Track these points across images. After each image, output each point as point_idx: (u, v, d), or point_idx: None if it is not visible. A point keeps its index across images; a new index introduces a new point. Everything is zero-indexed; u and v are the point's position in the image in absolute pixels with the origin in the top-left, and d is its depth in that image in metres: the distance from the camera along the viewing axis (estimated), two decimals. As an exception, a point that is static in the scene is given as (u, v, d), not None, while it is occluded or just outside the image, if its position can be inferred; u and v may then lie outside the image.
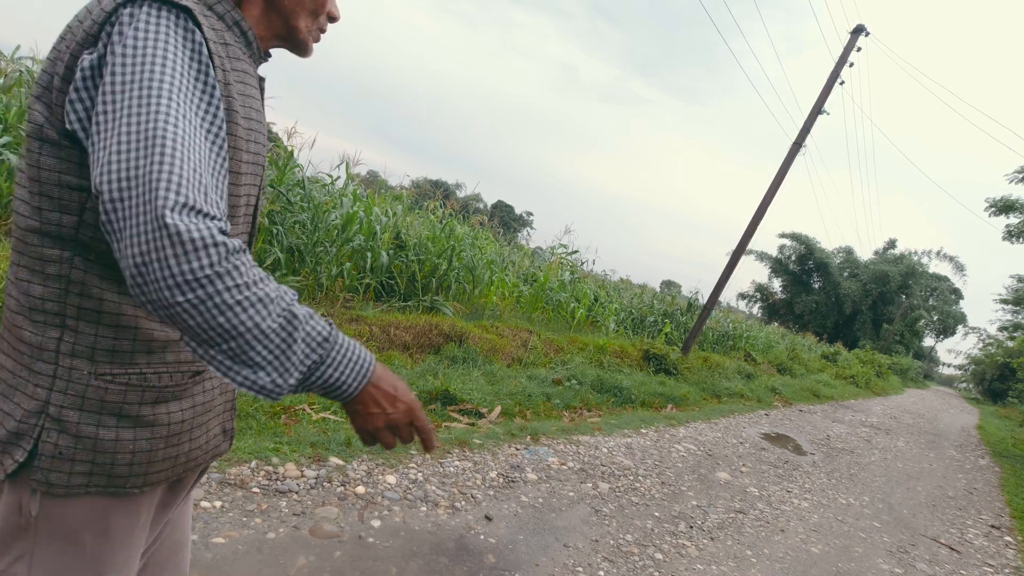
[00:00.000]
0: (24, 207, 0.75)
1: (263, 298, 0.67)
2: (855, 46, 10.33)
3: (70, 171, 0.73)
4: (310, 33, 0.95)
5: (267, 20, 0.90)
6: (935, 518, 4.86)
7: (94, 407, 0.77)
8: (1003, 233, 13.80)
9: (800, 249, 39.24)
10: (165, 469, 0.85)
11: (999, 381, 37.38)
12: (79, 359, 0.76)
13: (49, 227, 0.74)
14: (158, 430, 0.82)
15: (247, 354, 0.66)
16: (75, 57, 0.71)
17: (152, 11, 0.70)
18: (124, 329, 0.78)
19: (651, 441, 4.97)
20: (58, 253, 0.74)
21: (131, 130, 0.64)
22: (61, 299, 0.75)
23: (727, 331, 14.48)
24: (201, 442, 0.90)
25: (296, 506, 2.52)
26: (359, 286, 6.39)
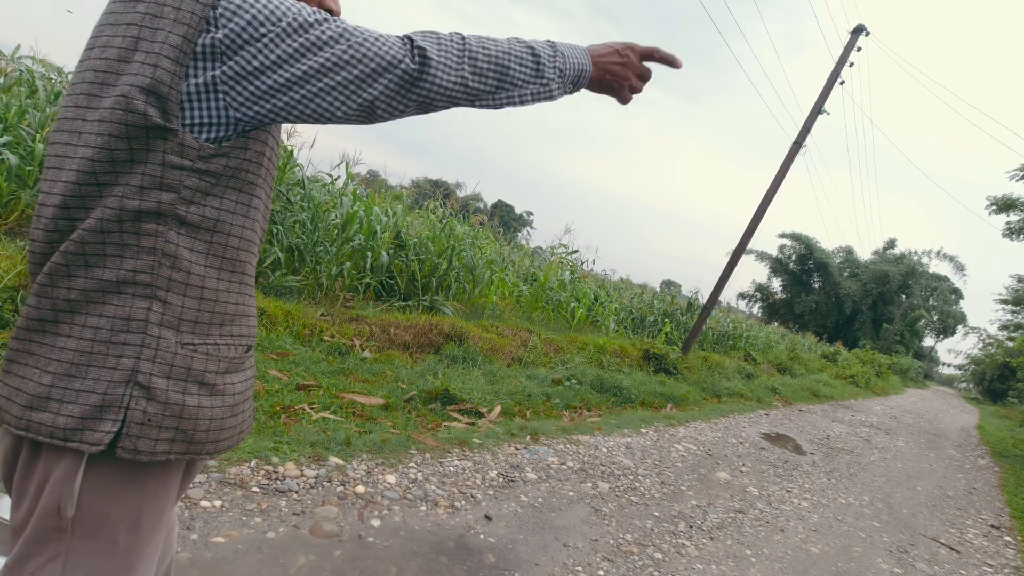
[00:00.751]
0: (120, 189, 0.78)
1: (495, 41, 0.87)
2: (855, 46, 10.33)
3: (175, 152, 0.78)
4: None
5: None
6: (935, 518, 4.86)
7: (181, 375, 0.82)
8: (1003, 230, 13.81)
9: (800, 249, 39.25)
10: (228, 438, 0.90)
11: (999, 381, 37.38)
12: (167, 328, 0.81)
13: (150, 204, 0.78)
14: (227, 399, 0.88)
15: (515, 77, 0.87)
16: (178, 48, 0.76)
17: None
18: (206, 301, 0.84)
19: (651, 441, 4.97)
20: (154, 227, 0.79)
21: (342, 31, 0.79)
22: (154, 271, 0.79)
23: (727, 331, 14.48)
24: (248, 415, 0.96)
25: (296, 505, 2.52)
26: (359, 285, 6.39)
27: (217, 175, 0.81)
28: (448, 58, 0.81)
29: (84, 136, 0.78)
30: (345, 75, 0.78)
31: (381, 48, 0.79)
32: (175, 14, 0.76)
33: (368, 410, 3.84)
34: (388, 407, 4.02)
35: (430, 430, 3.88)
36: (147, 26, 0.76)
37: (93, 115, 0.78)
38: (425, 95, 0.81)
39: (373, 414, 3.81)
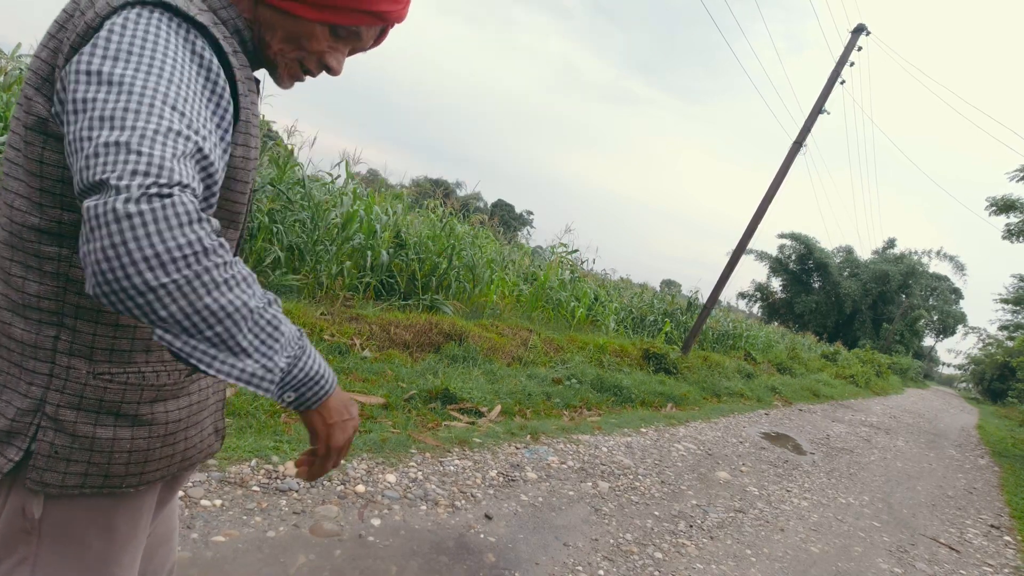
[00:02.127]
0: (22, 203, 0.72)
1: (246, 277, 0.63)
2: (856, 45, 10.32)
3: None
4: (283, 59, 0.86)
5: (249, 27, 0.84)
6: (935, 518, 4.86)
7: (92, 406, 0.75)
8: (1003, 232, 13.81)
9: (800, 249, 39.24)
10: (161, 468, 0.83)
11: (999, 381, 37.40)
12: (77, 358, 0.74)
13: (50, 224, 0.72)
14: (155, 428, 0.81)
15: (235, 339, 0.61)
16: (75, 50, 0.68)
17: (161, 17, 0.67)
18: (123, 328, 0.77)
19: (651, 440, 4.97)
20: (56, 250, 0.72)
21: (121, 107, 0.60)
22: (59, 297, 0.73)
23: (727, 330, 14.48)
24: (196, 440, 0.89)
25: (296, 505, 2.52)
26: (359, 285, 6.39)
27: None
28: (167, 250, 0.56)
29: (9, 135, 0.75)
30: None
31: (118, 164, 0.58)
32: (79, 17, 0.69)
33: (368, 409, 3.84)
34: (388, 406, 4.02)
35: (430, 429, 3.88)
36: (63, 24, 0.72)
37: (15, 110, 0.74)
38: (102, 271, 0.56)
39: (373, 413, 3.81)
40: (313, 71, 0.89)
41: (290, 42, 0.84)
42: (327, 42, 0.85)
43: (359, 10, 0.82)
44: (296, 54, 0.86)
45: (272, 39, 0.84)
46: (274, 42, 0.84)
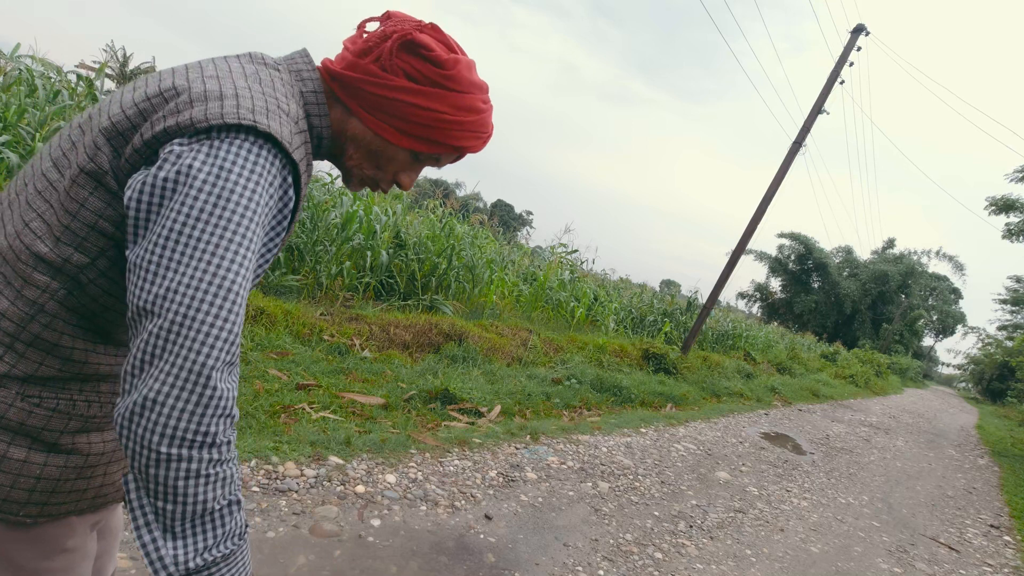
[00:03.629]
0: (39, 226, 0.71)
1: (227, 477, 0.66)
2: (855, 45, 10.33)
3: (110, 219, 0.71)
4: (360, 170, 0.89)
5: (333, 134, 0.86)
6: (934, 517, 4.86)
7: (11, 427, 0.72)
8: (1003, 231, 13.83)
9: (799, 249, 39.26)
10: (68, 502, 0.78)
11: (998, 381, 37.43)
12: (10, 380, 0.72)
13: (55, 258, 0.71)
14: (73, 459, 0.77)
15: (175, 522, 0.64)
16: (160, 138, 0.68)
17: (255, 150, 0.69)
18: (71, 363, 0.75)
19: (651, 440, 4.97)
20: (46, 281, 0.71)
21: (210, 271, 0.64)
22: (23, 323, 0.71)
23: (727, 330, 14.48)
24: (116, 478, 0.84)
25: (296, 505, 2.52)
26: (359, 285, 6.39)
27: None
28: (179, 456, 0.62)
29: (59, 155, 0.74)
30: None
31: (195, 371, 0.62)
32: (186, 107, 0.69)
33: (368, 409, 3.84)
34: (388, 406, 4.01)
35: (430, 429, 3.87)
36: (165, 97, 0.71)
37: (74, 154, 0.73)
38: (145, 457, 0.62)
39: (373, 413, 3.81)
40: (385, 188, 0.92)
41: (371, 158, 0.87)
42: (406, 164, 0.88)
43: (447, 144, 0.86)
44: (373, 171, 0.89)
45: (354, 152, 0.87)
46: (355, 155, 0.87)
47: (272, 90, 0.76)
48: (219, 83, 0.72)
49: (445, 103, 0.82)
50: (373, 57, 0.80)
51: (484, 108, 0.86)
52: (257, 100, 0.72)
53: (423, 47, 0.80)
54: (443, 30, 0.85)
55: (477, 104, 0.85)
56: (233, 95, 0.70)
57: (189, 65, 0.77)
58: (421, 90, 0.81)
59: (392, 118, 0.82)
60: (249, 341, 4.36)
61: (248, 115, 0.69)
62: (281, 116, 0.73)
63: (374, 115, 0.83)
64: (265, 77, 0.77)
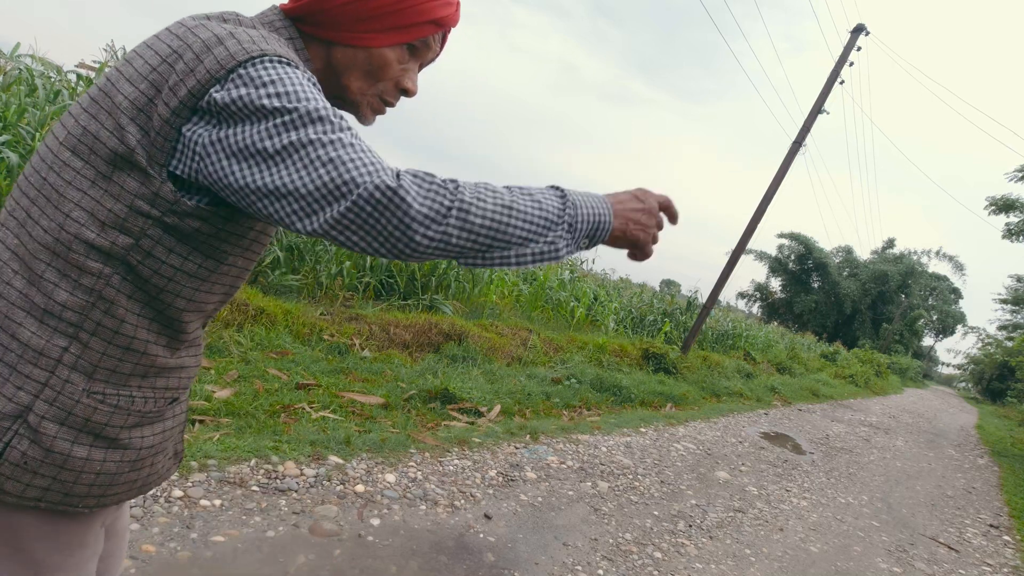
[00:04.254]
0: (81, 215, 0.73)
1: (479, 188, 0.72)
2: (855, 45, 10.33)
3: (144, 198, 0.72)
4: (364, 97, 0.90)
5: (325, 77, 0.88)
6: (934, 517, 4.86)
7: (77, 424, 0.75)
8: (1003, 231, 13.84)
9: (799, 249, 39.26)
10: (121, 492, 0.82)
11: (998, 380, 37.44)
12: (78, 373, 0.74)
13: (104, 242, 0.73)
14: (128, 453, 0.80)
15: (510, 237, 0.72)
16: (187, 102, 0.70)
17: (282, 63, 0.72)
18: (131, 352, 0.77)
19: (650, 440, 4.98)
20: (99, 267, 0.73)
21: (332, 150, 0.67)
22: (85, 311, 0.74)
23: (726, 330, 14.48)
24: (160, 468, 0.89)
25: (295, 504, 2.52)
26: (359, 284, 6.39)
27: (186, 234, 0.75)
28: (430, 208, 0.67)
29: (75, 142, 0.75)
30: (305, 188, 0.67)
31: (351, 171, 0.66)
32: (195, 63, 0.71)
33: (368, 409, 3.84)
34: (388, 406, 4.02)
35: (430, 429, 3.88)
36: (168, 62, 0.73)
37: (92, 126, 0.74)
38: (394, 245, 0.68)
39: (373, 413, 3.81)
40: (393, 101, 0.93)
41: (369, 77, 0.88)
42: (401, 64, 0.89)
43: (423, 21, 0.86)
44: (376, 88, 0.90)
45: (351, 80, 0.88)
46: (354, 82, 0.88)
47: (254, 31, 0.78)
48: (209, 30, 0.74)
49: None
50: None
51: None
52: (253, 34, 0.75)
53: None
54: None
55: None
56: (229, 35, 0.73)
57: (170, 27, 0.79)
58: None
59: (363, 22, 0.83)
60: (249, 340, 4.37)
61: (255, 47, 0.72)
62: (279, 44, 0.76)
63: (348, 30, 0.84)
64: (245, 27, 0.79)
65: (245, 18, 0.84)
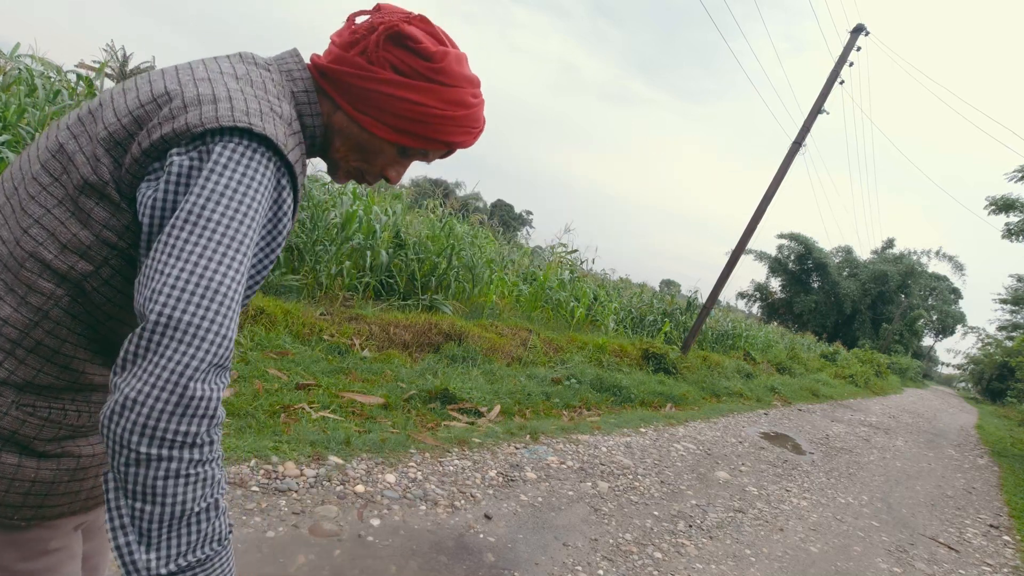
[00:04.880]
0: (40, 233, 0.71)
1: (207, 478, 0.64)
2: (855, 45, 10.33)
3: (114, 229, 0.71)
4: (346, 163, 0.88)
5: (323, 130, 0.86)
6: (934, 517, 4.86)
7: (3, 435, 0.72)
8: (1002, 231, 13.85)
9: (799, 249, 39.27)
10: (62, 504, 0.78)
11: (998, 380, 37.45)
12: (8, 387, 0.72)
13: (61, 265, 0.71)
14: (65, 462, 0.77)
15: (151, 525, 0.61)
16: (157, 147, 0.68)
17: (249, 153, 0.68)
18: (68, 371, 0.75)
19: (650, 440, 4.98)
20: (51, 288, 0.71)
21: (199, 272, 0.63)
22: (26, 329, 0.71)
23: (726, 330, 14.48)
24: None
25: (295, 505, 2.52)
26: (359, 285, 6.39)
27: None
28: (168, 449, 0.60)
29: (48, 157, 0.73)
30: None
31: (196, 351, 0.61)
32: (178, 112, 0.69)
33: (368, 409, 3.84)
34: (388, 406, 4.02)
35: (430, 429, 3.88)
36: (158, 102, 0.71)
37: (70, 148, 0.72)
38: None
39: (373, 413, 3.81)
40: (371, 181, 0.91)
41: (357, 152, 0.86)
42: (393, 159, 0.87)
43: (435, 140, 0.84)
44: (359, 164, 0.88)
45: (341, 144, 0.85)
46: (341, 147, 0.86)
47: (264, 92, 0.75)
48: (211, 85, 0.71)
49: (433, 97, 0.80)
50: (359, 49, 0.79)
51: (474, 103, 0.84)
52: (250, 102, 0.71)
53: (410, 39, 0.78)
54: (432, 22, 0.83)
55: (467, 98, 0.83)
56: (226, 97, 0.70)
57: (179, 67, 0.76)
58: (408, 83, 0.79)
59: (379, 112, 0.81)
60: (249, 340, 4.36)
61: (243, 117, 0.68)
62: (275, 118, 0.72)
63: (360, 109, 0.81)
64: (256, 78, 0.76)
65: (261, 60, 0.82)
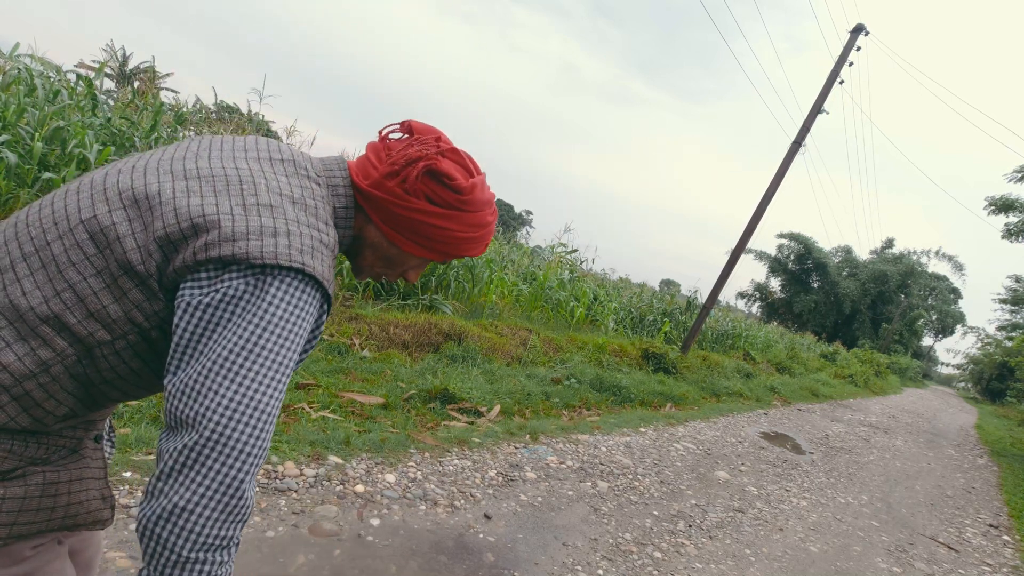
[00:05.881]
0: (71, 298, 0.72)
1: (230, 572, 0.73)
2: (855, 45, 10.33)
3: (144, 312, 0.74)
4: (371, 269, 0.98)
5: (354, 237, 0.94)
6: (933, 517, 4.87)
7: None
8: (1002, 231, 13.86)
9: (798, 248, 39.27)
10: (38, 521, 0.79)
11: (997, 380, 37.46)
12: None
13: (81, 330, 0.73)
14: (32, 478, 0.78)
15: None
16: (214, 262, 0.72)
17: (300, 287, 0.75)
18: (37, 422, 0.76)
19: (650, 440, 4.98)
20: (64, 346, 0.73)
21: (250, 395, 0.70)
22: (21, 379, 0.72)
23: (726, 330, 14.48)
24: (82, 498, 0.85)
25: (295, 504, 2.52)
26: (358, 284, 6.39)
27: (156, 343, 0.77)
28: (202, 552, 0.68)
29: (97, 229, 0.75)
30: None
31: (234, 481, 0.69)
32: (241, 238, 0.73)
33: (367, 409, 3.84)
34: (387, 406, 4.02)
35: (429, 429, 3.88)
36: (220, 217, 0.74)
37: (120, 228, 0.75)
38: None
39: (372, 413, 3.81)
40: (393, 280, 1.02)
41: (384, 262, 0.96)
42: (415, 266, 0.98)
43: (455, 255, 0.96)
44: (383, 271, 0.99)
45: (370, 255, 0.95)
46: (370, 257, 0.96)
47: (315, 218, 0.81)
48: (272, 216, 0.76)
49: (460, 223, 0.91)
50: (399, 180, 0.88)
51: (491, 220, 0.96)
52: (305, 239, 0.77)
53: (446, 176, 0.88)
54: (461, 151, 0.92)
55: (486, 219, 0.94)
56: (285, 232, 0.76)
57: (242, 177, 0.80)
58: (440, 212, 0.89)
59: (410, 233, 0.91)
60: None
61: (298, 257, 0.75)
62: (323, 252, 0.79)
63: (394, 229, 0.91)
64: (310, 201, 0.83)
65: (312, 169, 0.89)
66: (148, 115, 6.16)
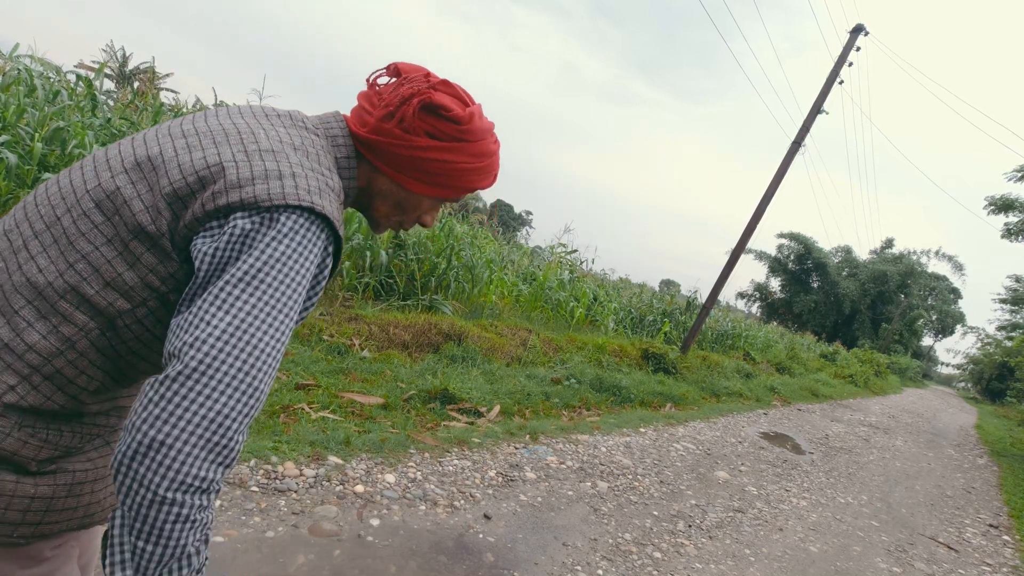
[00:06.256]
0: (86, 268, 0.73)
1: (207, 521, 0.68)
2: (854, 45, 10.33)
3: (159, 275, 0.74)
4: (387, 219, 0.98)
5: (362, 192, 0.94)
6: (933, 517, 4.87)
7: (3, 456, 0.72)
8: (1002, 231, 13.87)
9: (798, 248, 39.28)
10: (61, 521, 0.79)
11: (997, 380, 37.47)
12: (13, 411, 0.72)
13: (100, 301, 0.73)
14: (61, 477, 0.78)
15: (150, 563, 0.64)
16: (223, 210, 0.72)
17: (308, 225, 0.74)
18: (74, 400, 0.76)
19: (650, 440, 4.98)
20: (85, 321, 0.73)
21: (244, 327, 0.67)
22: (49, 357, 0.72)
23: (726, 330, 14.48)
24: (102, 496, 0.85)
25: (295, 505, 2.52)
26: (358, 285, 6.39)
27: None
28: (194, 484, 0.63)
29: (102, 197, 0.75)
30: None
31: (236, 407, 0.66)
32: (247, 183, 0.73)
33: (367, 409, 3.84)
34: (387, 406, 4.02)
35: (429, 429, 3.88)
36: (224, 166, 0.74)
37: (125, 191, 0.75)
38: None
39: (372, 413, 3.81)
40: (409, 228, 1.01)
41: (398, 209, 0.96)
42: (429, 207, 0.98)
43: (465, 188, 0.95)
44: (399, 218, 0.98)
45: (381, 204, 0.95)
46: (383, 207, 0.96)
47: (319, 163, 0.81)
48: (276, 161, 0.76)
49: (464, 154, 0.90)
50: (396, 120, 0.86)
51: (495, 149, 0.95)
52: (311, 180, 0.77)
53: (442, 108, 0.86)
54: (452, 83, 0.91)
55: (489, 147, 0.93)
56: (291, 174, 0.76)
57: (240, 129, 0.80)
58: (442, 146, 0.88)
59: (417, 172, 0.90)
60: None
61: (307, 196, 0.74)
62: (330, 194, 0.79)
63: (400, 171, 0.90)
64: (311, 148, 0.83)
65: (309, 123, 0.89)
66: (148, 115, 6.17)
